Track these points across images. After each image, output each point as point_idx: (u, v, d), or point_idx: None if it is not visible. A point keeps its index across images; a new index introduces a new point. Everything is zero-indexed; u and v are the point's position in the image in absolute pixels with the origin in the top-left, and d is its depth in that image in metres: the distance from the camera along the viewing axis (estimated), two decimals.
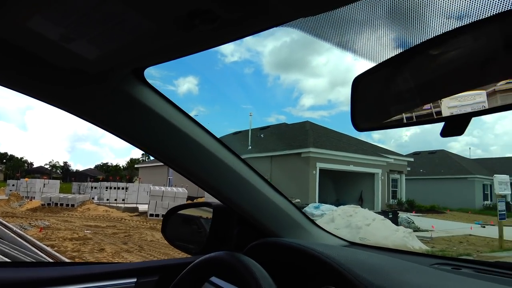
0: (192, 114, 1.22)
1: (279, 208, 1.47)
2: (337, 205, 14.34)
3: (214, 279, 1.31)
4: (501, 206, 11.33)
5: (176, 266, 1.40)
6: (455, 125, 0.67)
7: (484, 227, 16.84)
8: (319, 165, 21.29)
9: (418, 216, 21.58)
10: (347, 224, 10.14)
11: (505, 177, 11.55)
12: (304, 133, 23.95)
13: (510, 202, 34.05)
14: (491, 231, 14.26)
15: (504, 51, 0.60)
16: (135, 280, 1.37)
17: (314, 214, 12.51)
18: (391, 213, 14.68)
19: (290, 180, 21.13)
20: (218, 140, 1.29)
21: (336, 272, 1.04)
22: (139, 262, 2.72)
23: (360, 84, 0.82)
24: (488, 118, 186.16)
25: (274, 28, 0.73)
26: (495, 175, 11.45)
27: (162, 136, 1.16)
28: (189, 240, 1.68)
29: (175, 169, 1.25)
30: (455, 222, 19.03)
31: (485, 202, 35.23)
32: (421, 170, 37.64)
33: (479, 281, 1.19)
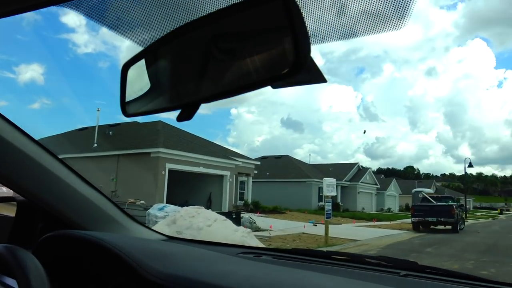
0: (35, 106, 0.95)
1: (89, 202, 1.46)
2: (186, 206, 14.20)
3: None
4: (328, 206, 12.68)
5: None
6: (187, 111, 0.69)
7: (315, 225, 18.67)
8: (169, 166, 20.92)
9: (261, 216, 22.90)
10: (189, 225, 10.02)
11: (332, 180, 12.99)
12: (156, 133, 23.30)
13: (340, 203, 39.09)
14: (321, 229, 15.89)
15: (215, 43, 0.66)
16: None
17: (158, 215, 12.13)
18: (234, 214, 15.18)
19: (137, 180, 20.31)
20: (19, 130, 1.23)
21: (126, 263, 1.05)
22: None
23: (128, 70, 0.84)
24: (328, 128, 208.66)
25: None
26: (324, 178, 12.77)
27: None
28: None
29: None
30: (293, 222, 20.67)
31: (320, 203, 39.50)
32: (267, 173, 40.37)
33: (273, 265, 1.37)
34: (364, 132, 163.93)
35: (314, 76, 0.80)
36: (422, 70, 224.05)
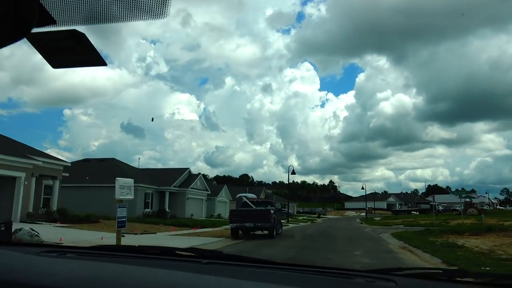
0: None
1: None
2: None
3: None
4: (121, 213, 10.32)
5: None
6: None
7: (123, 235, 16.00)
8: None
9: (63, 226, 19.14)
10: None
11: (128, 181, 10.67)
12: None
13: (168, 210, 36.84)
14: (127, 240, 13.44)
15: None
16: None
17: None
18: (3, 225, 11.49)
19: None
20: None
21: None
22: None
23: None
24: (170, 136, 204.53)
25: None
26: (117, 178, 10.34)
27: None
28: None
29: None
30: (98, 232, 17.63)
31: (146, 210, 36.59)
32: (87, 178, 35.67)
33: (78, 261, 1.54)
34: (152, 120, 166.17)
35: (92, 58, 0.88)
36: (259, 86, 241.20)
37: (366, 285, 1.42)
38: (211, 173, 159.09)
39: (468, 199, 41.83)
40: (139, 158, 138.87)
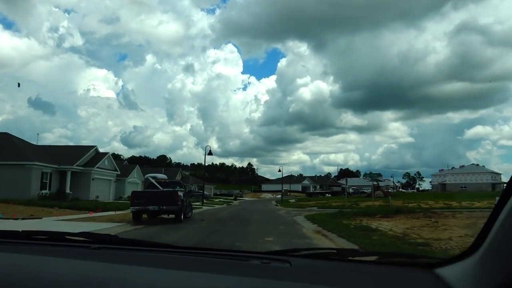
0: None
1: None
2: None
3: None
4: None
5: None
6: None
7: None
8: None
9: None
10: None
11: None
12: None
13: (68, 192, 33.23)
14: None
15: None
16: None
17: None
18: None
19: None
20: None
21: None
22: None
23: None
24: (84, 113, 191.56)
25: None
26: None
27: None
28: None
29: None
30: None
31: (42, 191, 32.71)
32: None
33: None
34: (19, 85, 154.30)
35: None
36: (181, 66, 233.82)
37: (261, 267, 1.44)
38: (128, 153, 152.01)
39: (375, 183, 43.94)
40: (38, 135, 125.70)
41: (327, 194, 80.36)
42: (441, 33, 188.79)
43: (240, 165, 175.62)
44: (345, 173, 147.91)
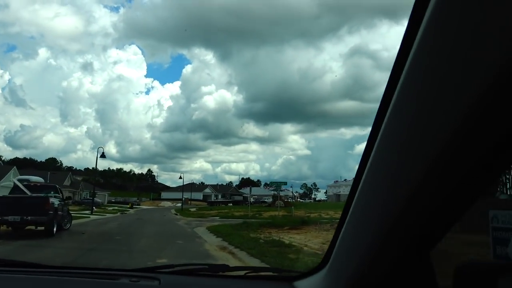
0: None
1: None
2: None
3: None
4: None
5: None
6: None
7: None
8: None
9: None
10: None
11: None
12: None
13: None
14: None
15: None
16: None
17: None
18: None
19: None
20: None
21: None
22: None
23: None
24: None
25: None
26: None
27: None
28: None
29: None
30: None
31: None
32: None
33: None
34: None
35: None
36: (79, 63, 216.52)
37: (130, 285, 1.41)
38: (12, 155, 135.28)
39: (276, 192, 44.15)
40: None
41: (229, 204, 79.06)
42: (337, 54, 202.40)
43: (139, 172, 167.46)
44: (246, 182, 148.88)
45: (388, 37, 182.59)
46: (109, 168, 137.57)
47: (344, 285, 1.02)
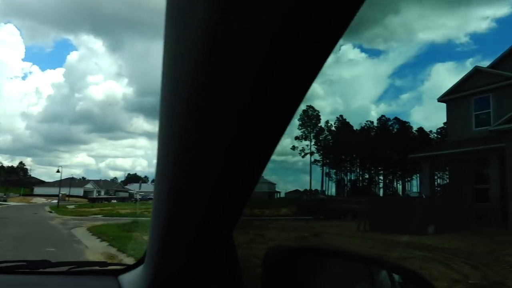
0: None
1: None
2: None
3: None
4: None
5: None
6: None
7: None
8: None
9: None
10: None
11: None
12: None
13: None
14: None
15: None
16: None
17: None
18: None
19: None
20: None
21: None
22: None
23: None
24: None
25: None
26: None
27: None
28: None
29: None
30: None
31: None
32: None
33: None
34: None
35: None
36: None
37: None
38: None
39: None
40: None
41: (113, 200, 73.84)
42: None
43: (10, 164, 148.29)
44: (132, 178, 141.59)
45: None
46: None
47: (159, 276, 1.04)
